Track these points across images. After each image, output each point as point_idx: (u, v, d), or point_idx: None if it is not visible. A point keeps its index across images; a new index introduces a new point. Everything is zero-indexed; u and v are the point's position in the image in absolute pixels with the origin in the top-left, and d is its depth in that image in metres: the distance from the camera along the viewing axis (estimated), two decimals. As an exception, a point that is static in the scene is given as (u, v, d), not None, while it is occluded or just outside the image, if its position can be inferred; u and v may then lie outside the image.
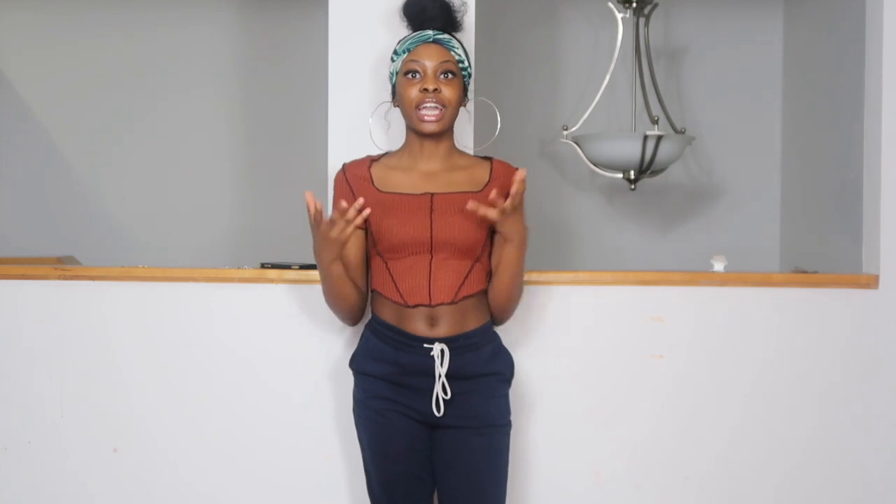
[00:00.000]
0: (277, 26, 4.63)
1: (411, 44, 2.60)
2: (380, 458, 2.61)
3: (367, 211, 2.52)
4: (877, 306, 3.03)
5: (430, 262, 2.58)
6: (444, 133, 2.62)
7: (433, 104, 2.55)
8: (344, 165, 2.70)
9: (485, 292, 2.66)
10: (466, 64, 2.62)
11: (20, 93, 4.60)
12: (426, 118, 2.56)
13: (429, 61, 2.57)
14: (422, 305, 2.57)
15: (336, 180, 2.69)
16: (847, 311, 3.03)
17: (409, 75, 2.58)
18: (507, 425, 2.66)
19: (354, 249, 2.66)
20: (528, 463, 2.94)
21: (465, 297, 2.59)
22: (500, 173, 2.66)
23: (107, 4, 4.60)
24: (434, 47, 2.58)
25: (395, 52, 2.63)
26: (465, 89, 2.63)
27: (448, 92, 2.57)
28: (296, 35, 4.56)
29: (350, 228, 2.47)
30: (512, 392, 2.71)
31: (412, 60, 2.58)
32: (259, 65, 4.64)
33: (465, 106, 2.66)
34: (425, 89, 2.55)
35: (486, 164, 2.68)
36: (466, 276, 2.60)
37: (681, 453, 2.99)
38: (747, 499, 3.00)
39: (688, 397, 2.99)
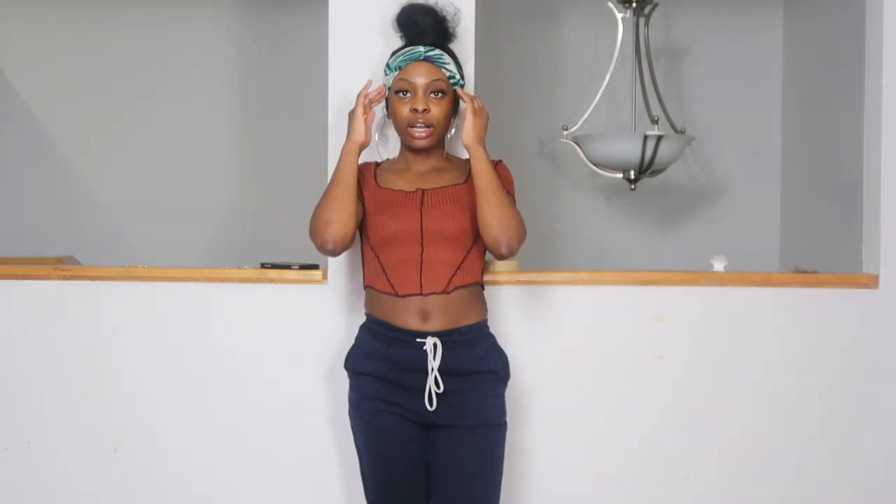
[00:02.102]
0: (278, 26, 4.63)
1: (402, 61, 2.63)
2: (375, 460, 2.62)
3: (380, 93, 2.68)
4: (877, 306, 3.03)
5: (422, 254, 2.60)
6: (434, 147, 2.68)
7: (422, 124, 2.61)
8: None
9: (480, 285, 2.67)
10: (458, 78, 2.66)
11: (20, 93, 4.60)
12: (416, 135, 2.62)
13: (419, 80, 2.61)
14: (413, 295, 2.58)
15: None
16: (847, 311, 3.03)
17: (400, 94, 2.63)
18: (502, 426, 2.64)
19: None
20: (529, 463, 2.94)
21: (457, 287, 2.60)
22: None
23: (107, 4, 4.60)
24: (424, 66, 2.62)
25: (388, 67, 2.68)
26: (455, 104, 2.67)
27: (437, 111, 2.62)
28: (296, 35, 4.57)
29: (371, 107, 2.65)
30: (511, 392, 2.71)
31: (403, 79, 2.62)
32: (259, 65, 4.64)
33: (455, 118, 2.69)
34: (415, 109, 2.60)
35: None
36: (459, 266, 2.61)
37: (681, 453, 2.99)
38: (747, 499, 3.00)
39: (688, 397, 2.99)
